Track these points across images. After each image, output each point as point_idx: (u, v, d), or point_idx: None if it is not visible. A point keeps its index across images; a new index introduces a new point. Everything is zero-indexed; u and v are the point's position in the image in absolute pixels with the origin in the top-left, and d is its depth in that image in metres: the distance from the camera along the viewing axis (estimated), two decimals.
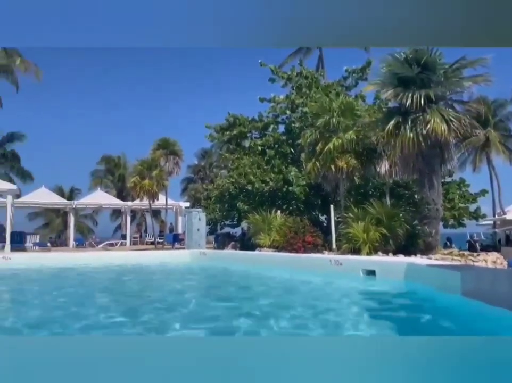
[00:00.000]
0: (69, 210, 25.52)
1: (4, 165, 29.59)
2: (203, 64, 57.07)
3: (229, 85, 58.87)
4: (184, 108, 60.66)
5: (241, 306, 6.02)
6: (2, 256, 14.31)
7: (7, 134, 29.76)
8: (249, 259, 11.79)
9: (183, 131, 57.76)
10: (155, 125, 55.12)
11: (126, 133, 57.40)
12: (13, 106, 39.98)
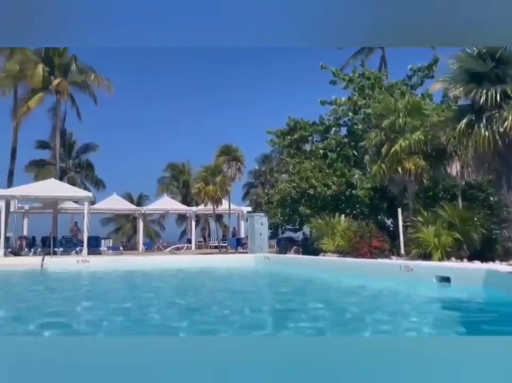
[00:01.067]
0: (139, 216, 26.85)
1: (80, 174, 31.81)
2: (264, 69, 57.71)
3: (289, 89, 58.98)
4: (245, 114, 61.69)
5: (328, 314, 5.74)
6: (81, 259, 15.38)
7: (82, 145, 32.04)
8: (315, 264, 11.70)
9: (243, 137, 58.75)
10: (217, 131, 56.59)
11: (189, 139, 59.44)
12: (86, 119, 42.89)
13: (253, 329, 4.90)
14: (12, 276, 13.05)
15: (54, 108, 24.15)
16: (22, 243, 20.16)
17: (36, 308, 6.60)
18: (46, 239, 19.63)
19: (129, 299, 7.61)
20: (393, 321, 5.30)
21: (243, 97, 60.29)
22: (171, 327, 5.02)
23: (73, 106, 25.12)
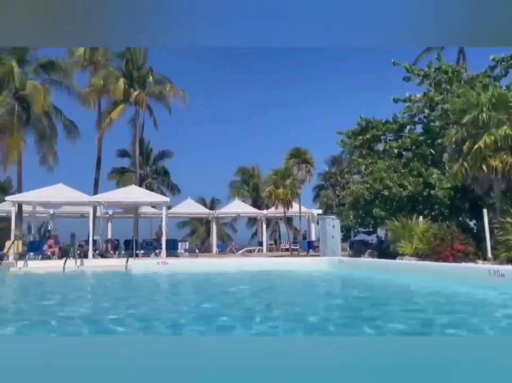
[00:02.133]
0: (212, 219, 27.70)
1: (157, 179, 33.55)
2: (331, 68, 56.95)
3: (359, 89, 57.62)
4: (313, 116, 61.28)
5: (426, 322, 5.40)
6: (161, 261, 16.21)
7: (159, 153, 33.81)
8: (393, 268, 11.30)
9: (312, 139, 58.36)
10: (284, 133, 56.81)
11: (258, 143, 60.30)
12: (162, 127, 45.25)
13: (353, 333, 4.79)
14: (110, 277, 14.06)
15: (133, 118, 25.78)
16: (108, 245, 21.69)
17: (176, 310, 6.78)
18: (128, 242, 20.91)
19: (239, 300, 7.88)
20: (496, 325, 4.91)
21: (310, 98, 59.91)
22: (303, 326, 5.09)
23: (150, 115, 26.61)
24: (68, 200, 19.83)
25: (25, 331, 5.48)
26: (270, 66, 53.88)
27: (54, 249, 18.13)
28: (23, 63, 22.00)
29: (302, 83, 59.80)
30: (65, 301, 8.92)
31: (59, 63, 22.89)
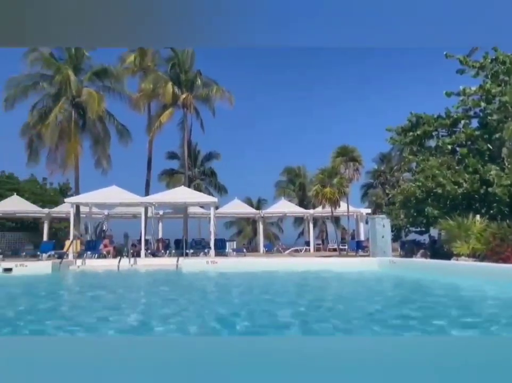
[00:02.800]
0: (258, 219, 27.83)
1: (205, 180, 34.18)
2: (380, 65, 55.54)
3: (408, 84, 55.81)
4: (360, 113, 60.06)
5: None
6: (210, 260, 16.49)
7: (206, 154, 34.45)
8: (449, 270, 10.82)
9: (359, 137, 57.19)
10: (330, 132, 56.08)
11: (304, 143, 59.91)
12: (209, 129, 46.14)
13: None
14: (163, 275, 14.57)
15: (181, 121, 26.42)
16: (159, 245, 22.38)
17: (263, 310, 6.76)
18: (178, 241, 21.47)
19: (294, 299, 7.87)
20: None
21: (356, 96, 58.73)
22: None
23: (197, 118, 27.17)
24: (121, 201, 20.65)
25: (100, 324, 5.75)
26: (314, 64, 53.34)
27: (109, 248, 18.94)
28: (79, 71, 23.17)
29: (345, 81, 58.77)
30: (123, 297, 9.33)
31: (111, 70, 23.90)
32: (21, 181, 29.85)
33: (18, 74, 22.69)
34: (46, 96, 22.86)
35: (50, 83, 22.57)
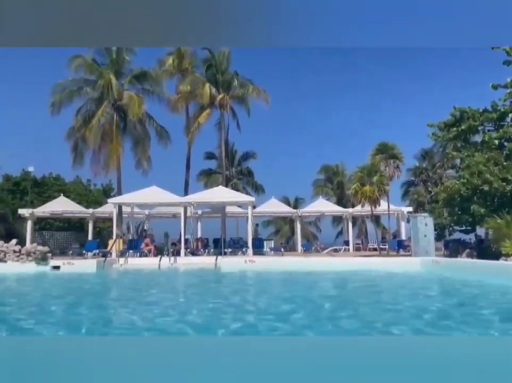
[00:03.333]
0: (296, 218, 27.68)
1: (242, 180, 34.38)
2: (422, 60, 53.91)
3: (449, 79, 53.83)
4: (399, 109, 58.54)
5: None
6: (248, 259, 16.55)
7: (243, 154, 34.65)
8: (497, 271, 10.27)
9: (399, 133, 55.75)
10: (369, 128, 55.02)
11: (342, 141, 59.13)
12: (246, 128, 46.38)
13: None
14: (203, 273, 14.77)
15: (219, 121, 26.67)
16: (198, 244, 22.72)
17: None
18: (217, 241, 21.71)
19: (341, 300, 7.78)
20: None
21: (395, 92, 57.21)
22: None
23: (234, 118, 27.33)
24: (161, 201, 21.11)
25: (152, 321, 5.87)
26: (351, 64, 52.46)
27: (150, 247, 19.41)
28: (120, 75, 23.88)
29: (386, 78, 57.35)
30: (166, 294, 9.53)
31: (150, 73, 24.47)
32: (67, 183, 31.16)
33: (63, 80, 23.68)
34: (90, 100, 23.72)
35: (93, 88, 23.40)
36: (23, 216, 22.98)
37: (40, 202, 25.51)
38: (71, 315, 6.60)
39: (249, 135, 51.69)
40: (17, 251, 15.37)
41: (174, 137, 26.28)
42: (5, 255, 15.18)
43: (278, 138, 59.29)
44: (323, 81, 58.11)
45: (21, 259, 15.23)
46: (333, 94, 58.01)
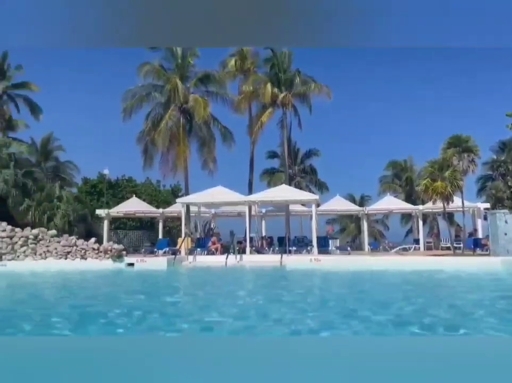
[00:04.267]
0: (362, 216, 26.94)
1: (305, 178, 34.14)
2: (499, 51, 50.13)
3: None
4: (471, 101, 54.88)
5: None
6: (313, 257, 16.39)
7: (305, 152, 34.41)
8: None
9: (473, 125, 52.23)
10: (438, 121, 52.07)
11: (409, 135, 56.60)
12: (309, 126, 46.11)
13: None
14: (270, 271, 14.92)
15: (281, 120, 26.69)
16: (263, 242, 22.89)
17: None
18: (281, 239, 21.73)
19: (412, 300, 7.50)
20: None
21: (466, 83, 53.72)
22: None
23: (296, 115, 27.19)
24: (226, 200, 21.53)
25: None
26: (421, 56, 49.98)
27: (216, 245, 19.88)
28: (185, 79, 24.69)
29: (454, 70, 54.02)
30: (242, 291, 9.70)
31: (214, 75, 25.05)
32: (138, 184, 32.82)
33: (133, 87, 24.94)
34: (158, 104, 24.78)
35: (161, 92, 24.41)
36: (100, 216, 24.53)
37: (115, 203, 27.08)
38: (167, 308, 6.97)
39: (312, 132, 51.16)
40: (96, 249, 16.45)
41: (237, 137, 26.72)
42: (85, 253, 16.31)
43: (342, 135, 58.08)
44: (390, 76, 56.00)
45: (99, 257, 16.28)
46: (400, 86, 55.67)
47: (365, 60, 52.90)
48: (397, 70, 54.03)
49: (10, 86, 28.61)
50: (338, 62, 49.62)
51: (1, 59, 28.05)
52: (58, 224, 18.84)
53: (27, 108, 29.28)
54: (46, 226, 17.57)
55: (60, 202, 19.57)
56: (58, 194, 19.87)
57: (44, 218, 18.35)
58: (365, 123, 57.46)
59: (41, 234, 16.38)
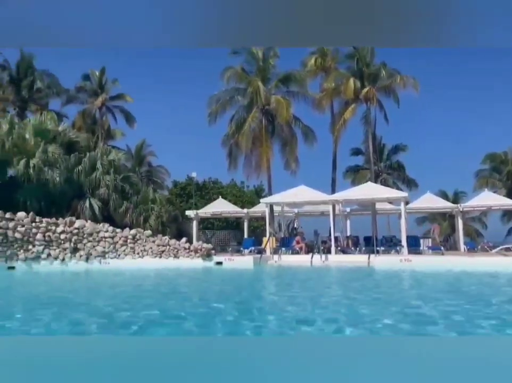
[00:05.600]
0: (456, 214, 25.10)
1: (392, 175, 32.76)
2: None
3: None
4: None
5: None
6: (404, 258, 15.66)
7: (392, 147, 33.01)
8: None
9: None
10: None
11: (508, 123, 51.57)
12: (394, 120, 44.22)
13: None
14: (358, 272, 14.62)
15: (364, 116, 25.94)
16: (348, 242, 22.39)
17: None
18: (368, 239, 21.07)
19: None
20: None
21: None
22: None
23: (380, 110, 26.22)
24: (309, 199, 21.41)
25: None
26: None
27: (301, 245, 19.86)
28: (267, 81, 25.04)
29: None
30: (338, 291, 9.60)
31: (294, 75, 25.07)
32: (224, 186, 33.98)
33: (217, 91, 25.87)
34: (241, 107, 25.43)
35: (244, 95, 25.02)
36: (189, 217, 25.80)
37: (203, 204, 28.30)
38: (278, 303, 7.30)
39: (399, 127, 48.83)
40: (187, 248, 17.34)
41: (319, 135, 26.46)
42: (177, 252, 17.27)
43: (432, 128, 54.71)
44: None
45: (190, 256, 17.14)
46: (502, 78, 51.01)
47: None
48: None
49: (108, 99, 31.29)
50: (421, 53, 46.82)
51: (100, 74, 30.76)
52: (153, 224, 20.17)
53: (123, 118, 31.82)
54: (142, 227, 18.92)
55: (154, 205, 20.95)
56: (152, 197, 21.28)
57: (140, 220, 19.77)
58: (459, 114, 53.54)
59: (138, 234, 17.66)
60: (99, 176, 19.29)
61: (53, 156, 18.09)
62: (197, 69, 51.54)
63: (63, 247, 16.46)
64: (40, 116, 20.12)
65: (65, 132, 20.45)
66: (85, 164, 19.33)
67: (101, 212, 18.59)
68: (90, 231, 17.02)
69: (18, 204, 16.99)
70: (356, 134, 30.67)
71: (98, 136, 27.57)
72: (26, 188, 17.56)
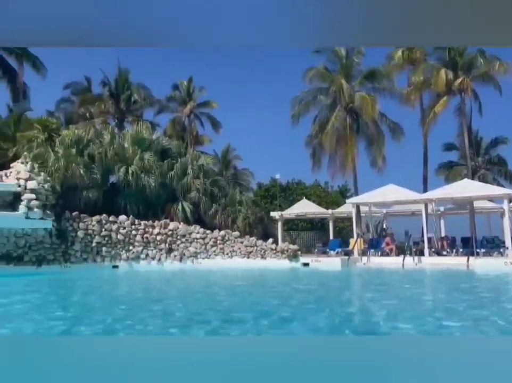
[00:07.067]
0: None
1: (491, 170, 30.13)
2: None
3: None
4: None
5: None
6: (509, 261, 14.32)
7: (491, 140, 30.35)
8: None
9: None
10: None
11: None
12: (493, 111, 40.53)
13: None
14: (458, 276, 13.74)
15: (458, 108, 24.20)
16: (443, 243, 21.03)
17: None
18: (465, 240, 19.62)
19: None
20: None
21: None
22: None
23: (475, 101, 24.30)
24: (398, 199, 20.50)
25: None
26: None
27: (391, 246, 19.09)
28: (350, 78, 24.49)
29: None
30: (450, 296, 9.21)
31: (380, 70, 24.20)
32: (307, 186, 33.85)
33: (299, 93, 25.86)
34: (324, 107, 25.17)
35: (326, 95, 24.73)
36: (274, 218, 26.11)
37: (287, 205, 28.46)
38: None
39: (498, 118, 44.66)
40: (274, 249, 17.59)
41: (407, 131, 25.23)
42: (264, 252, 17.59)
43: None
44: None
45: (277, 256, 17.35)
46: None
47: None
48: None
49: (196, 106, 32.85)
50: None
51: (188, 83, 32.40)
52: (240, 226, 20.74)
53: (210, 124, 33.18)
54: (230, 228, 19.54)
55: (241, 206, 21.54)
56: (239, 199, 21.89)
57: (228, 221, 20.44)
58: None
59: (227, 235, 18.30)
60: (190, 181, 20.32)
61: (149, 163, 19.44)
62: (278, 70, 51.97)
63: (159, 248, 17.63)
64: (137, 126, 21.75)
65: (159, 140, 21.85)
66: (177, 169, 20.49)
67: (193, 214, 19.57)
68: (183, 233, 18.02)
69: (119, 208, 18.54)
70: (448, 128, 28.78)
71: (188, 142, 29.05)
72: (126, 193, 19.09)
